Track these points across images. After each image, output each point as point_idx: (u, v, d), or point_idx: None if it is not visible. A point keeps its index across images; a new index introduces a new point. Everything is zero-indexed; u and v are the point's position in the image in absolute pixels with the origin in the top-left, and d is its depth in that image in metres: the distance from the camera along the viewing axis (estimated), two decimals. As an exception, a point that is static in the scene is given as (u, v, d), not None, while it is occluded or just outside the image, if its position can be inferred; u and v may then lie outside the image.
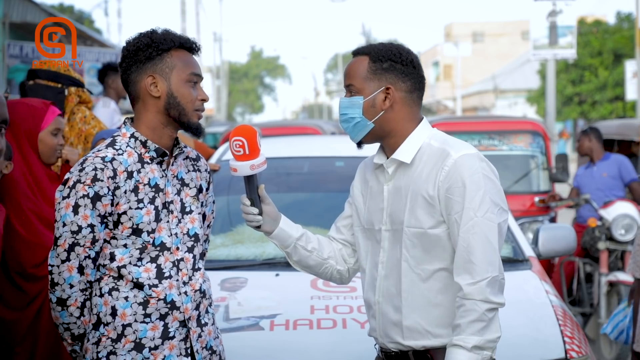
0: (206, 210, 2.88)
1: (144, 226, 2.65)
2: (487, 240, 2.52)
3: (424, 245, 2.59)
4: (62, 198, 2.62)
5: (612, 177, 7.70)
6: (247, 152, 2.66)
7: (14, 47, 11.71)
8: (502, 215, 2.57)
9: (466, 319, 2.50)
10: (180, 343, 2.69)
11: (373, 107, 2.61)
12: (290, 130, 9.84)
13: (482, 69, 55.78)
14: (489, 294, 2.50)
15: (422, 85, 2.68)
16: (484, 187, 2.53)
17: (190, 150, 2.84)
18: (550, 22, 20.87)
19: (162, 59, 2.66)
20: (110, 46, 15.81)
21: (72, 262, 2.61)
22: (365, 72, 2.63)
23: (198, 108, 2.70)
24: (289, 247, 2.79)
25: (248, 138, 2.66)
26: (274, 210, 2.75)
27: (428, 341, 2.60)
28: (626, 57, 32.38)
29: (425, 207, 2.57)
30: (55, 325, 2.73)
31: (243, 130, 2.68)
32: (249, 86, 72.26)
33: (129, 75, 2.69)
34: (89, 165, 2.61)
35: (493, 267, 2.52)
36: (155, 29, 2.70)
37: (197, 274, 2.74)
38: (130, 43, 2.68)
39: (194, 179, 2.81)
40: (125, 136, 2.70)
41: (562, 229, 4.51)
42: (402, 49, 2.66)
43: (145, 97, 2.68)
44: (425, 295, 2.60)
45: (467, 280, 2.51)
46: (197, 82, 2.71)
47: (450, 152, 2.56)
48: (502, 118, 11.09)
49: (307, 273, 2.92)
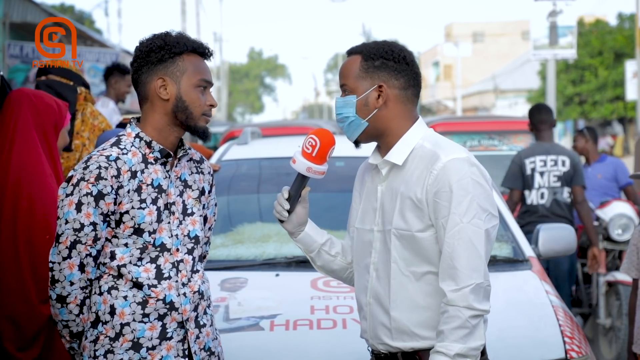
0: (208, 213, 2.89)
1: (146, 226, 2.66)
2: (473, 247, 2.48)
3: (412, 247, 2.56)
4: (66, 195, 2.62)
5: (607, 179, 7.69)
6: (314, 154, 2.66)
7: (14, 47, 11.72)
8: (491, 221, 2.53)
9: (449, 325, 2.46)
10: (178, 344, 2.70)
11: (366, 105, 2.60)
12: (290, 130, 9.83)
13: (482, 69, 55.78)
14: (473, 301, 2.46)
15: (417, 82, 2.65)
16: (472, 192, 2.49)
17: (194, 152, 2.85)
18: (550, 22, 20.87)
19: (174, 62, 2.67)
20: (110, 46, 15.82)
21: (74, 259, 2.62)
22: (358, 70, 2.61)
23: (206, 113, 2.70)
24: (313, 252, 2.80)
25: (323, 142, 2.66)
26: (304, 215, 2.75)
27: (416, 343, 2.58)
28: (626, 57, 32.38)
29: (414, 210, 2.55)
30: (54, 323, 2.74)
31: (323, 134, 2.67)
32: (249, 86, 72.28)
33: (140, 76, 2.70)
34: (93, 164, 2.61)
35: (478, 273, 2.48)
36: (170, 32, 2.71)
37: (195, 275, 2.75)
38: (144, 44, 2.69)
39: (197, 181, 2.82)
40: (130, 136, 2.71)
41: (562, 229, 4.51)
42: (395, 46, 2.64)
43: (153, 98, 2.69)
44: (414, 298, 2.58)
45: (451, 287, 2.48)
46: (207, 87, 2.71)
47: (440, 156, 2.53)
48: (502, 118, 11.09)
49: (332, 278, 2.92)
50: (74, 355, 2.78)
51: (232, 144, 5.27)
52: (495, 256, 4.10)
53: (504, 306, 3.54)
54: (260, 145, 5.39)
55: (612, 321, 6.78)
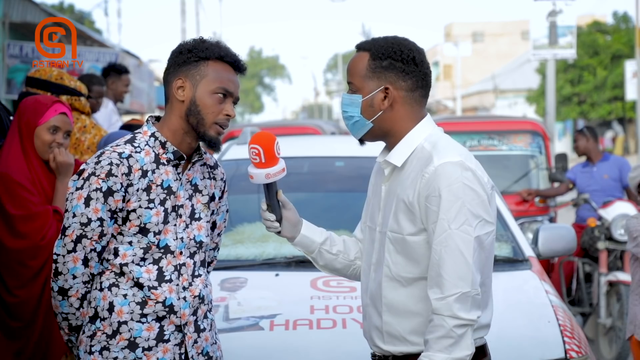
0: (217, 219, 2.89)
1: (152, 226, 2.66)
2: (460, 254, 2.40)
3: (405, 251, 2.52)
4: (76, 189, 2.63)
5: (613, 179, 7.71)
6: (263, 160, 2.62)
7: (14, 47, 11.69)
8: (484, 228, 2.45)
9: (434, 334, 2.40)
10: (174, 347, 2.70)
11: (371, 106, 2.56)
12: (290, 130, 9.83)
13: (482, 69, 55.78)
14: (458, 310, 2.38)
15: (426, 82, 2.59)
16: (462, 197, 2.41)
17: (209, 157, 2.84)
18: (550, 22, 20.83)
19: (197, 66, 2.67)
20: (110, 46, 15.79)
21: (78, 253, 2.63)
22: (365, 70, 2.56)
23: (219, 122, 2.67)
24: (313, 252, 2.76)
25: (264, 146, 2.62)
26: (294, 216, 2.72)
27: (406, 348, 2.54)
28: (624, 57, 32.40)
29: (406, 212, 2.50)
30: (54, 314, 2.75)
31: (260, 138, 2.64)
32: (248, 85, 72.24)
33: (167, 75, 2.71)
34: (105, 160, 2.62)
35: (464, 282, 2.40)
36: (208, 39, 2.72)
37: (197, 280, 2.75)
38: (179, 45, 2.71)
39: (208, 186, 2.81)
40: (146, 134, 2.71)
41: (562, 229, 4.51)
42: (404, 45, 2.57)
43: (172, 99, 2.70)
44: (405, 302, 2.53)
45: (437, 295, 2.41)
46: (227, 97, 2.68)
47: (434, 159, 2.46)
48: (501, 118, 11.10)
49: (337, 276, 2.89)
50: (71, 347, 2.80)
51: (232, 144, 5.27)
52: (495, 256, 4.09)
53: (503, 306, 3.54)
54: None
55: (612, 321, 6.78)
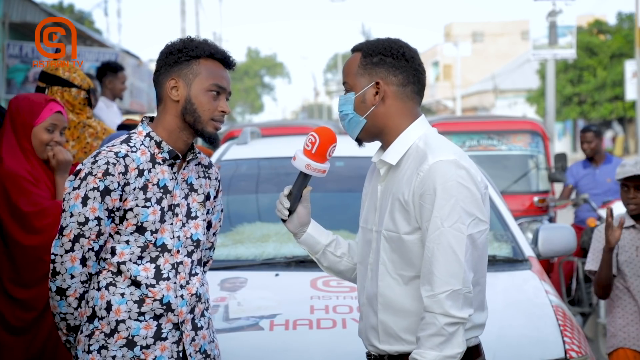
0: (213, 218, 2.90)
1: (149, 225, 2.67)
2: (452, 252, 2.41)
3: (400, 250, 2.53)
4: (73, 189, 2.65)
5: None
6: (313, 151, 2.65)
7: (14, 47, 11.70)
8: (478, 226, 2.46)
9: (425, 332, 2.41)
10: (172, 345, 2.71)
11: (364, 102, 2.58)
12: (290, 130, 9.82)
13: (482, 69, 55.78)
14: (449, 308, 2.39)
15: (418, 78, 2.60)
16: (456, 195, 2.42)
17: (203, 157, 2.87)
18: (550, 22, 20.85)
19: (189, 65, 2.69)
20: (110, 46, 15.80)
21: (76, 253, 2.64)
22: (357, 67, 2.60)
23: (215, 118, 2.71)
24: (317, 253, 2.78)
25: (322, 140, 2.65)
26: (306, 216, 2.74)
27: (402, 347, 2.55)
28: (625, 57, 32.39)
29: (401, 211, 2.51)
30: (52, 315, 2.75)
31: (323, 132, 2.67)
32: (248, 84, 72.24)
33: (158, 77, 2.73)
34: (102, 159, 2.64)
35: (456, 279, 2.40)
36: (195, 38, 2.75)
37: (194, 278, 2.76)
38: (167, 46, 2.73)
39: (203, 185, 2.83)
40: (141, 134, 2.73)
41: (562, 229, 4.51)
42: (394, 42, 2.61)
43: (166, 99, 2.72)
44: (401, 302, 2.54)
45: (428, 292, 2.42)
46: (221, 93, 2.71)
47: (428, 157, 2.48)
48: (501, 118, 11.09)
49: (340, 279, 2.90)
50: (69, 348, 2.80)
51: (232, 144, 5.27)
52: (495, 256, 4.11)
53: (503, 306, 3.55)
54: (260, 145, 5.39)
55: (612, 321, 6.77)
